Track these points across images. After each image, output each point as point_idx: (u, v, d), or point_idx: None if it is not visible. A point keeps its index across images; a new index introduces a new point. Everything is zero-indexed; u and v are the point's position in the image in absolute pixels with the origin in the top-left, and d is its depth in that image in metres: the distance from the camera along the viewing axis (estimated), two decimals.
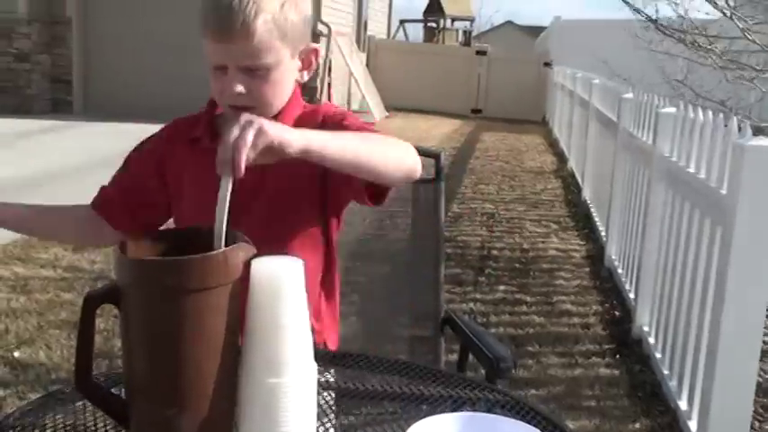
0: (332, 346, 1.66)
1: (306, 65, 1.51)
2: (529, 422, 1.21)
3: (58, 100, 11.82)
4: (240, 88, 1.40)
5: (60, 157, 7.81)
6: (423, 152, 2.42)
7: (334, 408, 1.31)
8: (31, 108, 11.29)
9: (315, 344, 1.07)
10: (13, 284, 4.11)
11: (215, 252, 1.00)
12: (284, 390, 1.03)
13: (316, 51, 1.51)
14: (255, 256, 1.05)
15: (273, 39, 1.38)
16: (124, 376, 1.06)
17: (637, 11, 6.10)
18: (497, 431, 1.05)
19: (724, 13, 5.32)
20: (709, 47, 5.51)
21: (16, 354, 3.28)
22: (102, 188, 1.65)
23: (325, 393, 1.32)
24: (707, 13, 5.75)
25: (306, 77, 1.53)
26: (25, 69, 11.45)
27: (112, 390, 1.17)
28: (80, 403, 1.22)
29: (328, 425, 1.24)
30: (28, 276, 4.24)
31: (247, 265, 1.04)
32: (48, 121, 10.58)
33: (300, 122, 1.50)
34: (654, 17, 5.98)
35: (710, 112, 3.10)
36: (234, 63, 1.39)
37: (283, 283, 1.02)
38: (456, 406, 1.35)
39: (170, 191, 1.58)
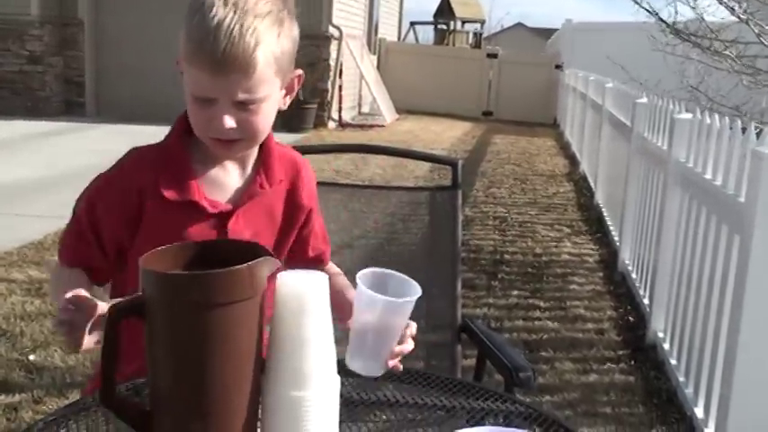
0: None
1: (289, 91, 1.42)
2: None
3: (70, 102, 11.88)
4: (232, 123, 1.30)
5: (72, 159, 7.84)
6: (440, 160, 2.44)
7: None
8: (43, 110, 11.35)
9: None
10: (27, 287, 4.12)
11: (241, 266, 0.99)
12: (307, 403, 1.03)
13: (300, 77, 1.43)
14: (279, 270, 1.05)
15: (271, 71, 1.30)
16: (148, 389, 1.05)
17: (652, 14, 6.07)
18: None
19: (740, 18, 5.29)
20: (724, 51, 5.48)
21: (31, 357, 3.29)
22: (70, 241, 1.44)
23: None
24: (722, 18, 5.72)
25: (287, 103, 1.43)
26: (38, 71, 11.51)
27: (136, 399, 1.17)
28: (102, 417, 1.22)
29: None
30: (42, 279, 4.25)
31: (271, 278, 1.04)
32: (60, 122, 10.63)
33: (280, 166, 1.46)
34: (670, 20, 5.96)
35: (727, 118, 3.08)
36: (227, 97, 1.28)
37: (308, 297, 1.02)
38: (472, 416, 1.34)
39: (117, 245, 1.40)
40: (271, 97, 1.34)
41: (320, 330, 1.02)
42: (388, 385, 1.47)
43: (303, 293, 1.01)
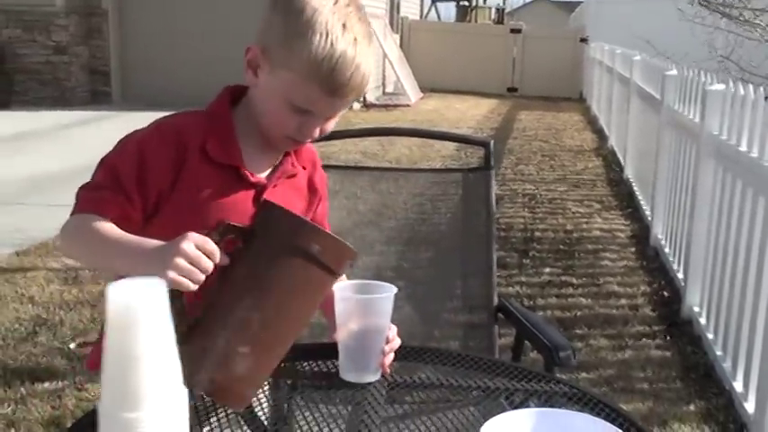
0: None
1: None
2: (597, 414, 1.20)
3: (96, 91, 11.97)
4: (320, 131, 1.42)
5: (102, 148, 7.89)
6: (472, 141, 2.43)
7: (381, 400, 1.31)
8: (70, 100, 11.45)
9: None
10: (64, 277, 4.18)
11: (351, 247, 1.14)
12: (142, 424, 0.93)
13: None
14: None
15: None
16: (209, 305, 1.13)
17: None
18: (575, 428, 1.04)
19: None
20: (755, 20, 5.39)
21: (72, 345, 3.34)
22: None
23: (373, 387, 1.32)
24: None
25: None
26: (64, 62, 11.60)
27: None
28: None
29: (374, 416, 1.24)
30: (78, 268, 4.30)
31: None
32: (87, 112, 10.72)
33: (305, 153, 1.55)
34: None
35: (762, 89, 3.03)
36: (333, 113, 1.39)
37: (138, 309, 0.91)
38: (514, 397, 1.34)
39: (159, 190, 1.38)
40: None
41: (154, 345, 0.93)
42: (427, 367, 1.48)
43: (133, 305, 0.91)
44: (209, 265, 1.12)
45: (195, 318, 1.12)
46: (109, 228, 1.30)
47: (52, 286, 4.04)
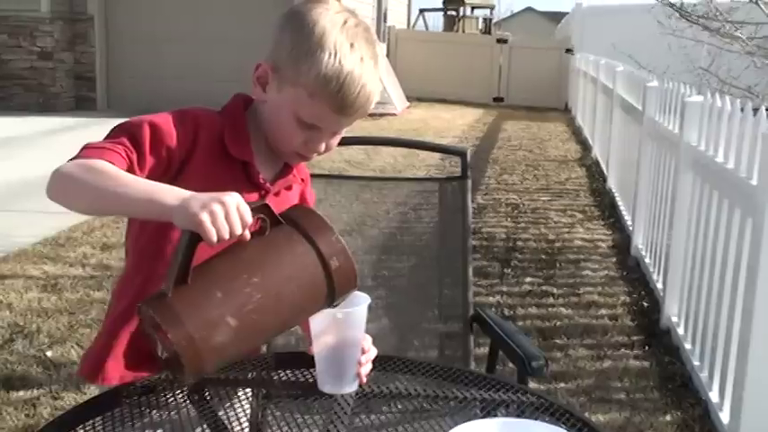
0: None
1: None
2: (564, 423, 1.21)
3: (81, 97, 11.91)
4: (325, 146, 1.46)
5: None
6: (449, 150, 2.44)
7: (348, 410, 1.31)
8: (55, 106, 11.39)
9: None
10: (43, 284, 4.15)
11: (357, 279, 1.20)
12: None
13: None
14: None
15: None
16: (213, 268, 1.14)
17: None
18: None
19: None
20: (735, 33, 5.44)
21: (49, 353, 3.32)
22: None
23: (341, 397, 1.32)
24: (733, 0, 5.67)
25: None
26: (49, 67, 11.53)
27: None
28: (117, 410, 1.23)
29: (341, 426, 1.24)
30: (58, 275, 4.28)
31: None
32: (72, 118, 10.68)
33: (302, 167, 1.60)
34: (678, 3, 5.91)
35: (738, 101, 3.06)
36: (338, 129, 1.44)
37: None
38: (484, 407, 1.35)
39: (170, 155, 1.39)
40: None
41: None
42: (399, 376, 1.48)
43: None
44: (239, 232, 1.11)
45: (195, 269, 1.12)
46: (121, 170, 1.27)
47: (30, 293, 4.01)
